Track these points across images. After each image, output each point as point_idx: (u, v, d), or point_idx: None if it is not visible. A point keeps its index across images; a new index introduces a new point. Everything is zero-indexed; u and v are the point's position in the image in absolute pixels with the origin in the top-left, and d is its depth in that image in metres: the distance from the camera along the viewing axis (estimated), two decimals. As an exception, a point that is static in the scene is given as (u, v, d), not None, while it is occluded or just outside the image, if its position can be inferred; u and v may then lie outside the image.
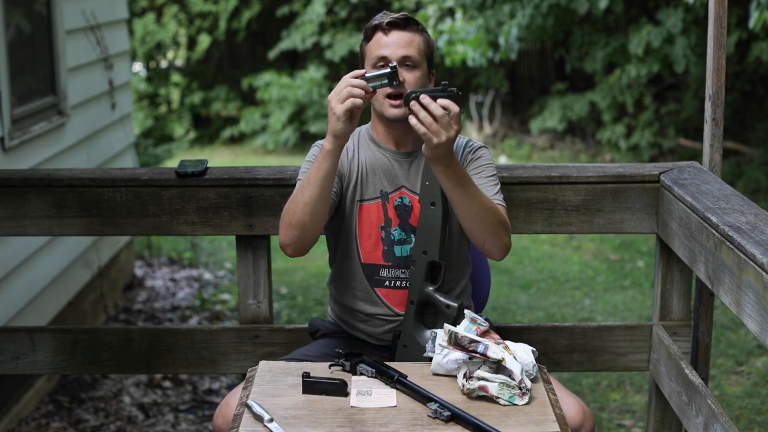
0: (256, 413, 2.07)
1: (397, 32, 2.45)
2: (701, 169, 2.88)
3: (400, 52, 2.43)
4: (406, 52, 2.44)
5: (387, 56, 2.43)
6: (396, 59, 2.42)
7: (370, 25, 2.49)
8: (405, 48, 2.44)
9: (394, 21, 2.46)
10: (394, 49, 2.43)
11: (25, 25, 4.59)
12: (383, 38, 2.45)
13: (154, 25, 12.16)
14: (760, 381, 4.47)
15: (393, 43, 2.44)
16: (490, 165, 2.54)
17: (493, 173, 2.53)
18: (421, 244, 2.46)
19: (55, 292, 4.64)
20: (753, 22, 6.05)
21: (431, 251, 2.44)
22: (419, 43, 2.46)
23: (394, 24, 2.45)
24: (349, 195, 2.52)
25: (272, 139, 11.76)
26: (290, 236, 2.40)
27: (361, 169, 2.53)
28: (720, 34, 2.77)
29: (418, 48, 2.46)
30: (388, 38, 2.45)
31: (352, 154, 2.54)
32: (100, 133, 5.56)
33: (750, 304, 2.12)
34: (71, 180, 2.93)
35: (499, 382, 2.12)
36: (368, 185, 2.52)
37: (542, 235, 7.12)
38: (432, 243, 2.44)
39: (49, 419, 4.13)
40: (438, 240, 2.43)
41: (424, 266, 2.45)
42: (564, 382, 2.70)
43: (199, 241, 7.21)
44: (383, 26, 2.46)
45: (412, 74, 2.44)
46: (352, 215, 2.52)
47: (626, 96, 9.74)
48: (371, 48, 2.47)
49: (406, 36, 2.45)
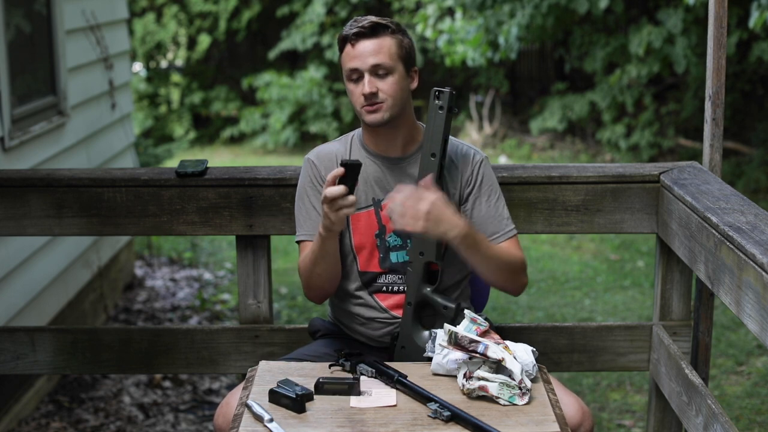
0: (256, 413, 2.07)
1: (364, 41, 2.41)
2: (701, 169, 2.88)
3: (369, 62, 2.40)
4: (376, 60, 2.40)
5: (358, 68, 2.41)
6: (366, 69, 2.40)
7: (340, 36, 2.46)
8: (374, 56, 2.40)
9: (359, 31, 2.42)
10: (363, 59, 2.41)
11: (25, 25, 4.59)
12: (351, 50, 2.42)
13: (154, 25, 12.16)
14: (760, 381, 4.47)
15: (361, 54, 2.41)
16: (495, 185, 2.56)
17: (499, 194, 2.56)
18: (417, 245, 2.45)
19: (55, 292, 4.64)
20: (753, 22, 6.06)
21: (428, 252, 2.44)
22: (390, 47, 2.42)
23: (361, 33, 2.41)
24: None
25: (272, 139, 11.76)
26: (315, 295, 2.56)
27: None
28: (720, 34, 2.77)
29: (388, 53, 2.42)
30: (356, 49, 2.42)
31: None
32: (100, 133, 5.56)
33: (750, 304, 2.12)
34: (71, 180, 2.93)
35: (499, 382, 2.12)
36: (360, 195, 2.51)
37: (542, 235, 7.12)
38: (428, 244, 2.43)
39: (49, 419, 4.13)
40: (434, 241, 2.42)
41: (421, 268, 2.45)
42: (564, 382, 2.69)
43: (199, 241, 7.21)
44: (350, 37, 2.42)
45: (386, 81, 2.41)
46: (347, 226, 2.52)
47: (626, 96, 9.74)
48: (344, 60, 2.45)
49: (374, 43, 2.41)
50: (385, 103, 2.42)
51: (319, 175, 2.53)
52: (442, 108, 2.39)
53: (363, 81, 2.41)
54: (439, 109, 2.40)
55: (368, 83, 2.40)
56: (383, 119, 2.43)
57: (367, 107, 2.43)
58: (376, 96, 2.41)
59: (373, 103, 2.42)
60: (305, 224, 2.53)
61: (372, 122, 2.44)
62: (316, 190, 2.52)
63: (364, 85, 2.40)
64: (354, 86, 2.44)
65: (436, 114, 2.40)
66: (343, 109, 11.61)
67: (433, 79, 11.94)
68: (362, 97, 2.42)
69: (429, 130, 2.42)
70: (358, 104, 2.44)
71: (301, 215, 2.54)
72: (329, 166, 2.51)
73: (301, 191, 2.56)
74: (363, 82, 2.41)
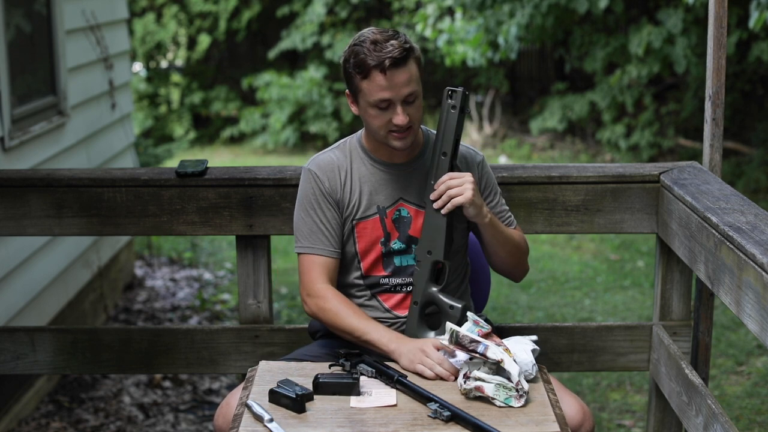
0: (256, 413, 2.07)
1: (397, 71, 2.33)
2: (701, 169, 2.88)
3: (404, 92, 2.36)
4: (409, 89, 2.36)
5: (391, 99, 2.35)
6: (400, 100, 2.36)
7: (364, 61, 2.34)
8: (407, 86, 2.36)
9: (394, 61, 2.32)
10: (398, 90, 2.35)
11: (25, 25, 4.59)
12: (383, 81, 2.33)
13: (154, 25, 12.16)
14: (760, 381, 4.47)
15: (395, 85, 2.34)
16: (495, 183, 2.63)
17: (498, 191, 2.64)
18: (425, 244, 2.45)
19: (55, 292, 4.64)
20: (753, 22, 6.05)
21: (435, 251, 2.44)
22: (416, 71, 2.38)
23: (395, 64, 2.32)
24: (346, 215, 2.51)
25: (272, 139, 11.76)
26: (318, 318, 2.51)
27: (356, 188, 2.51)
28: (720, 34, 2.77)
29: (416, 78, 2.38)
30: (389, 80, 2.33)
31: (345, 175, 2.51)
32: (100, 133, 5.56)
33: (750, 304, 2.12)
34: (71, 180, 2.93)
35: (495, 384, 2.12)
36: (365, 203, 2.51)
37: (542, 235, 7.10)
38: (437, 243, 2.43)
39: (49, 419, 4.13)
40: (443, 240, 2.42)
41: (429, 266, 2.45)
42: (564, 382, 2.69)
43: (199, 241, 7.21)
44: (384, 67, 2.32)
45: (414, 107, 2.39)
46: (352, 234, 2.52)
47: (626, 96, 9.74)
48: (371, 89, 2.35)
49: (406, 73, 2.35)
50: (413, 127, 2.42)
51: (323, 188, 2.50)
52: (455, 107, 2.39)
53: (394, 110, 2.36)
54: (451, 109, 2.40)
55: (402, 113, 2.36)
56: (410, 144, 2.44)
57: (396, 134, 2.40)
58: (408, 123, 2.39)
59: (403, 130, 2.40)
60: (310, 237, 2.50)
61: (401, 148, 2.43)
62: (321, 204, 2.50)
63: (398, 115, 2.36)
64: (380, 113, 2.38)
65: (448, 113, 2.40)
66: (343, 109, 11.60)
67: (433, 79, 11.94)
68: (392, 124, 2.38)
69: (441, 129, 2.42)
70: (384, 129, 2.40)
71: (305, 227, 2.51)
72: (332, 177, 2.50)
73: (303, 203, 2.53)
74: (395, 112, 2.36)
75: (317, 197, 2.50)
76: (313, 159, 2.56)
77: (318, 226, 2.49)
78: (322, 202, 2.50)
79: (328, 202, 2.50)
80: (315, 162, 2.54)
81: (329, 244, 2.49)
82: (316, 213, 2.50)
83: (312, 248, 2.50)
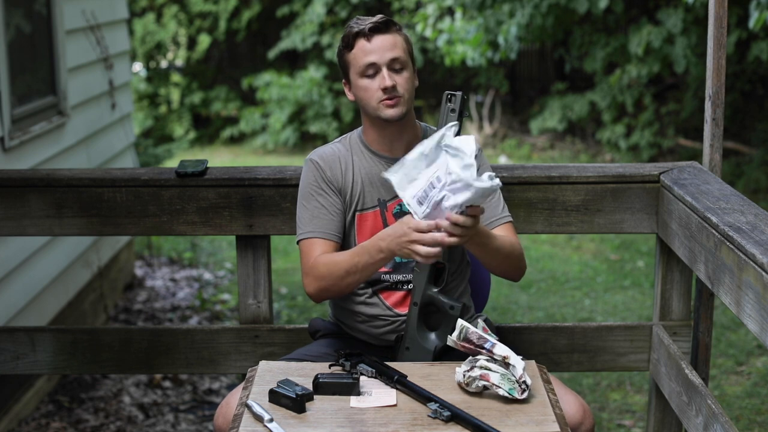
0: (256, 413, 2.07)
1: (380, 36, 2.42)
2: (701, 169, 2.88)
3: (387, 56, 2.42)
4: (393, 54, 2.42)
5: (375, 62, 2.41)
6: (385, 63, 2.41)
7: (349, 33, 2.45)
8: (391, 50, 2.42)
9: (375, 26, 2.43)
10: (381, 53, 2.42)
11: (25, 25, 4.59)
12: (367, 45, 2.43)
13: (154, 25, 12.16)
14: (760, 381, 4.47)
15: (379, 48, 2.42)
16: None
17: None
18: None
19: (55, 292, 4.64)
20: (753, 22, 6.05)
21: None
22: (402, 42, 2.45)
23: (376, 29, 2.42)
24: (347, 205, 2.52)
25: (272, 139, 11.76)
26: (324, 297, 2.48)
27: (358, 180, 2.51)
28: (720, 34, 2.77)
29: (402, 48, 2.45)
30: (372, 44, 2.42)
31: (346, 166, 2.52)
32: (100, 133, 5.56)
33: (750, 304, 2.12)
34: (71, 180, 2.93)
35: (500, 373, 2.13)
36: (366, 195, 2.51)
37: (542, 235, 7.12)
38: None
39: (49, 419, 4.13)
40: None
41: (428, 268, 2.45)
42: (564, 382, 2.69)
43: (199, 241, 7.21)
44: (365, 32, 2.42)
45: (402, 76, 2.43)
46: (352, 225, 2.52)
47: (626, 96, 9.74)
48: (356, 56, 2.44)
49: (390, 38, 2.43)
50: (403, 97, 2.43)
51: (325, 176, 2.51)
52: (454, 111, 2.41)
53: (381, 75, 2.41)
54: (451, 112, 2.42)
55: (388, 76, 2.41)
56: (401, 113, 2.43)
57: (386, 101, 2.42)
58: (395, 89, 2.41)
59: (392, 97, 2.42)
60: (311, 222, 2.50)
61: (392, 116, 2.43)
62: (323, 191, 2.50)
63: (384, 78, 2.40)
64: (369, 81, 2.43)
65: (448, 116, 2.42)
66: (343, 109, 11.61)
67: (433, 79, 11.94)
68: (380, 91, 2.41)
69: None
70: (375, 99, 2.43)
71: (307, 214, 2.51)
72: (334, 167, 2.51)
73: (305, 192, 2.53)
74: (381, 76, 2.41)
75: (319, 184, 2.51)
76: (314, 151, 2.58)
77: (320, 211, 2.49)
78: (324, 188, 2.50)
79: (330, 188, 2.50)
80: (317, 153, 2.56)
81: (331, 227, 2.49)
82: (317, 200, 2.50)
83: (312, 232, 2.49)
